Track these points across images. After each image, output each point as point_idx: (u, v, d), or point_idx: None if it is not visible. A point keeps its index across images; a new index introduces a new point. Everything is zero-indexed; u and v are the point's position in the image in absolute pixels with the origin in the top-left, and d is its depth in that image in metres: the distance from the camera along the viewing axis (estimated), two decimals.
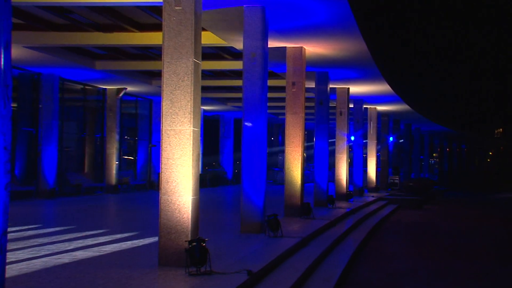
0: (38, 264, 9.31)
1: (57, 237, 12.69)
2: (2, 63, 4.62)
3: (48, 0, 15.18)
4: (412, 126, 50.64)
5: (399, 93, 30.80)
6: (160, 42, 9.53)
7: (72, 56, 23.62)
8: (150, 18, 18.52)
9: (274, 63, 20.66)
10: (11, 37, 4.76)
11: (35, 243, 11.62)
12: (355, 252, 14.36)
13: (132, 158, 35.17)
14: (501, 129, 75.26)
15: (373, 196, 31.56)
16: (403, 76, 33.23)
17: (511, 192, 50.80)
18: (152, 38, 19.60)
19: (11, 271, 8.08)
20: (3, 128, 4.64)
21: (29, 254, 10.19)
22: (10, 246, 5.24)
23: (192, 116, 9.16)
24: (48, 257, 9.94)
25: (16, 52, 19.82)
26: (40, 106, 26.20)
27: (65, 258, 9.86)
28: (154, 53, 23.72)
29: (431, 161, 68.31)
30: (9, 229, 4.78)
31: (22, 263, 9.28)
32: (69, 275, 8.48)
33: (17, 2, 14.44)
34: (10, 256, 7.24)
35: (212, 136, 43.25)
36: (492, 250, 17.01)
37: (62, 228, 14.42)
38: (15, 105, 25.10)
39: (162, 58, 9.26)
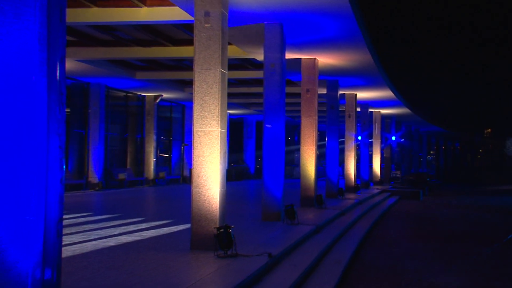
0: (88, 246, 9.41)
1: (104, 223, 12.79)
2: (58, 74, 4.67)
3: (96, 20, 15.27)
4: (412, 127, 50.41)
5: (401, 98, 30.70)
6: (192, 55, 9.56)
7: (116, 67, 23.78)
8: (183, 34, 18.60)
9: (290, 73, 20.68)
10: (65, 52, 4.81)
11: (86, 229, 11.72)
12: (362, 238, 14.33)
13: (167, 155, 35.28)
14: (489, 130, 75.29)
15: (378, 189, 31.46)
16: (404, 83, 33.18)
17: (498, 185, 50.63)
18: (184, 52, 19.67)
19: (66, 252, 8.16)
20: (58, 130, 4.68)
21: (81, 238, 10.29)
22: (65, 231, 5.30)
23: (219, 119, 9.19)
24: (97, 241, 10.03)
25: (69, 65, 20.00)
26: (89, 111, 26.41)
27: (111, 242, 9.94)
28: (186, 64, 23.81)
29: (429, 157, 67.93)
30: (63, 217, 4.83)
31: (75, 245, 9.38)
32: (115, 256, 8.56)
33: (70, 22, 14.55)
34: (65, 240, 7.28)
35: (236, 136, 43.28)
36: (480, 234, 16.91)
37: (108, 216, 14.51)
38: (68, 110, 25.32)
39: (194, 69, 9.30)
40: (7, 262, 4.39)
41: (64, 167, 4.74)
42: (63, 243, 4.85)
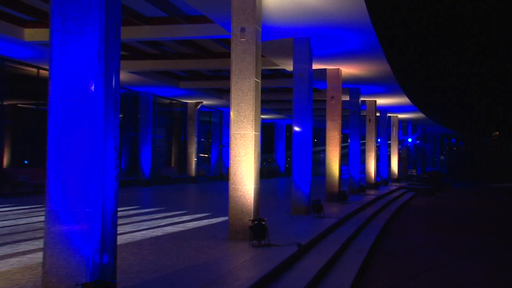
0: (139, 235, 9.51)
1: (152, 215, 12.91)
2: (114, 84, 4.75)
3: (146, 36, 15.45)
4: (427, 130, 49.87)
5: (416, 104, 30.40)
6: (229, 66, 9.61)
7: (162, 78, 24.01)
8: (222, 48, 18.69)
9: (317, 81, 20.63)
10: (120, 64, 4.89)
11: (136, 220, 11.85)
12: (381, 229, 14.20)
13: (207, 155, 35.47)
14: (497, 132, 74.59)
15: (395, 186, 31.16)
16: (420, 91, 32.77)
17: (505, 182, 49.81)
18: (222, 63, 19.76)
19: (120, 240, 8.23)
20: (114, 133, 4.76)
21: (132, 228, 10.42)
22: (118, 222, 5.36)
23: (254, 123, 9.22)
24: (146, 231, 10.14)
25: (122, 76, 20.28)
26: (139, 116, 26.71)
27: (159, 232, 10.04)
28: (224, 74, 23.92)
29: (442, 157, 67.13)
30: (118, 209, 4.90)
31: (127, 234, 9.51)
32: (162, 244, 8.64)
33: (124, 38, 14.74)
34: (118, 229, 7.36)
35: (268, 138, 43.31)
36: (490, 227, 16.63)
37: (155, 209, 14.65)
38: (121, 115, 25.68)
39: (231, 78, 9.34)
40: (72, 248, 4.48)
41: (118, 165, 4.82)
42: (117, 232, 4.91)
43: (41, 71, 20.22)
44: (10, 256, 7.51)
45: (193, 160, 31.28)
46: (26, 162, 20.54)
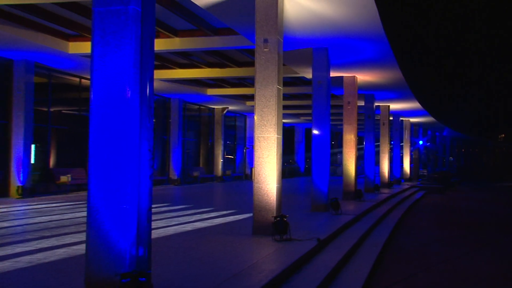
0: (170, 230, 9.57)
1: (182, 212, 12.98)
2: (148, 91, 4.79)
3: (177, 48, 15.56)
4: (437, 133, 49.37)
5: (427, 109, 30.14)
6: (253, 74, 9.60)
7: (191, 85, 24.14)
8: (246, 58, 18.73)
9: (334, 88, 20.54)
10: (153, 73, 4.93)
11: (168, 216, 11.93)
12: (395, 225, 14.07)
13: (232, 157, 35.53)
14: (503, 135, 73.77)
15: (407, 185, 30.86)
16: (430, 96, 32.46)
17: (510, 182, 49.10)
18: (247, 72, 19.80)
19: (153, 234, 8.29)
20: (148, 136, 4.80)
21: (164, 224, 10.48)
22: (152, 218, 5.39)
23: (276, 127, 9.21)
24: (177, 226, 10.19)
25: (155, 84, 20.35)
26: (170, 120, 26.89)
27: (188, 227, 10.08)
28: (248, 82, 23.96)
29: (451, 158, 66.43)
30: (152, 206, 4.94)
31: (160, 229, 9.57)
32: (191, 238, 8.68)
33: (157, 50, 14.86)
34: (152, 225, 7.41)
35: (289, 141, 43.24)
36: (496, 224, 16.37)
37: (185, 206, 14.73)
38: (154, 120, 25.81)
39: (255, 86, 9.35)
40: (111, 242, 4.53)
41: (152, 166, 4.85)
42: (151, 227, 4.95)
43: (83, 80, 20.48)
44: (57, 247, 7.62)
45: (220, 161, 31.38)
46: (69, 162, 20.82)
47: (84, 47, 15.85)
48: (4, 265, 6.40)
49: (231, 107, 31.28)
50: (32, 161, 17.71)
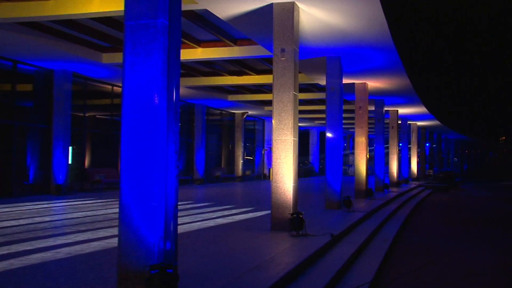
0: (195, 226, 9.60)
1: (205, 209, 13.02)
2: (174, 98, 4.82)
3: (200, 57, 15.63)
4: (442, 135, 48.86)
5: (433, 113, 29.86)
6: (271, 81, 9.62)
7: (213, 92, 24.22)
8: (264, 66, 18.73)
9: (346, 94, 20.42)
10: (179, 81, 4.95)
11: (192, 213, 11.97)
12: (403, 222, 13.93)
13: (251, 158, 35.57)
14: (504, 137, 73.05)
15: (415, 184, 30.58)
16: (436, 102, 32.17)
17: (510, 181, 48.44)
18: (265, 79, 19.80)
19: (179, 230, 8.31)
20: (175, 139, 4.82)
21: (189, 220, 10.52)
22: (178, 214, 5.41)
23: (292, 130, 9.19)
24: (200, 222, 10.22)
25: (180, 90, 20.52)
26: (194, 124, 27.01)
27: (211, 223, 10.11)
28: (266, 88, 23.96)
29: (455, 159, 65.73)
30: (178, 203, 4.95)
31: (185, 225, 9.59)
32: (214, 233, 8.70)
33: (182, 59, 14.94)
34: (178, 221, 7.43)
35: (304, 143, 43.15)
36: (498, 220, 16.12)
37: (208, 203, 14.77)
38: (180, 124, 25.97)
39: (273, 92, 9.34)
40: (141, 236, 4.56)
41: (178, 166, 4.87)
42: (177, 223, 4.97)
43: (115, 88, 20.68)
44: (92, 241, 7.70)
45: (240, 162, 31.42)
46: (102, 163, 21.04)
47: (116, 58, 16.01)
48: (46, 255, 6.50)
49: (250, 112, 31.31)
50: (69, 161, 17.94)
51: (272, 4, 9.37)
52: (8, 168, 16.35)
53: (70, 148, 18.08)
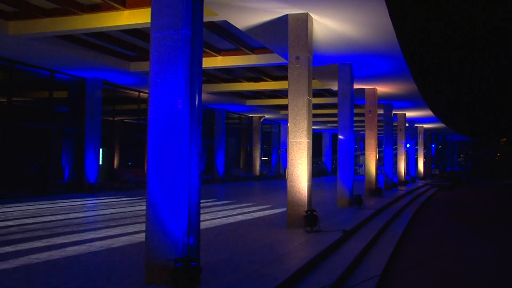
0: (215, 222, 9.61)
1: (226, 206, 13.03)
2: (197, 103, 4.83)
3: (220, 65, 15.68)
4: (447, 137, 48.27)
5: (439, 116, 29.53)
6: (286, 87, 9.60)
7: (233, 97, 24.28)
8: (280, 73, 18.72)
9: (357, 98, 20.31)
10: (201, 87, 4.97)
11: (213, 210, 11.99)
12: (411, 218, 13.79)
13: (268, 159, 35.53)
14: (505, 138, 72.19)
15: (421, 183, 30.22)
16: (441, 106, 31.84)
17: (510, 180, 47.75)
18: (281, 85, 19.78)
19: (201, 226, 8.35)
20: (197, 141, 4.83)
21: (210, 217, 10.54)
22: (200, 211, 5.45)
23: (307, 133, 9.16)
24: (221, 219, 10.23)
25: (202, 96, 20.65)
26: (214, 128, 27.08)
27: (231, 219, 10.11)
28: (282, 94, 23.92)
29: (459, 159, 64.95)
30: (200, 201, 4.96)
31: (206, 222, 9.61)
32: (234, 229, 8.70)
33: (203, 67, 15.03)
34: (200, 217, 7.49)
35: (317, 145, 42.96)
36: (500, 216, 15.84)
37: (228, 201, 14.79)
38: (202, 127, 26.07)
39: (288, 97, 9.32)
40: (166, 231, 4.58)
41: (200, 167, 4.88)
42: (200, 219, 4.98)
43: (141, 94, 20.86)
44: (121, 236, 7.76)
45: (257, 162, 31.41)
46: (130, 163, 21.23)
47: (142, 66, 16.15)
48: (81, 248, 6.58)
49: (267, 116, 31.31)
50: (100, 162, 18.13)
51: (287, 15, 9.36)
52: (46, 168, 16.62)
53: (101, 150, 18.28)
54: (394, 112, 24.25)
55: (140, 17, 10.94)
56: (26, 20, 11.84)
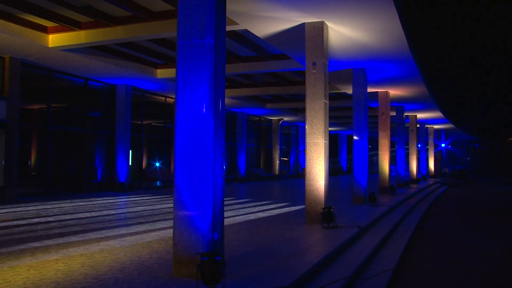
0: (238, 219, 9.63)
1: (247, 204, 13.04)
2: (220, 107, 4.85)
3: (241, 71, 15.72)
4: (456, 137, 47.41)
5: (448, 118, 29.06)
6: (304, 91, 9.57)
7: (253, 101, 24.29)
8: (298, 78, 18.67)
9: (371, 101, 20.11)
10: (224, 92, 4.99)
11: (235, 208, 12.01)
12: (423, 214, 13.58)
13: (286, 159, 35.44)
14: (511, 138, 70.67)
15: (432, 181, 29.78)
16: (451, 108, 31.32)
17: None
18: (298, 89, 19.72)
19: (224, 222, 8.39)
20: (220, 143, 4.85)
21: (233, 214, 10.56)
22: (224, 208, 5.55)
23: (324, 134, 9.12)
24: (242, 216, 10.25)
25: (225, 100, 20.74)
26: (236, 130, 27.14)
27: (252, 216, 10.11)
28: (299, 97, 23.84)
29: (468, 158, 63.83)
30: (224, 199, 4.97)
31: (229, 218, 9.63)
32: (255, 225, 8.69)
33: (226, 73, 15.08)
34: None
35: (334, 145, 42.66)
36: (507, 212, 15.44)
37: (249, 199, 14.79)
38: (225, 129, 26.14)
39: (305, 100, 9.30)
40: (193, 227, 4.61)
41: (223, 167, 4.90)
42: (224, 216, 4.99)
43: (168, 99, 21.05)
44: (150, 231, 7.84)
45: (277, 162, 31.36)
46: (157, 164, 21.43)
47: (168, 73, 16.30)
48: (114, 242, 6.68)
49: (286, 118, 31.25)
50: (130, 163, 18.36)
51: (304, 23, 9.34)
52: (80, 169, 16.90)
53: (130, 151, 18.50)
54: (405, 113, 23.94)
55: (166, 27, 11.05)
56: (64, 33, 12.12)
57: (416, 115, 26.18)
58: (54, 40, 12.26)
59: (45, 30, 12.11)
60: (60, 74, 15.68)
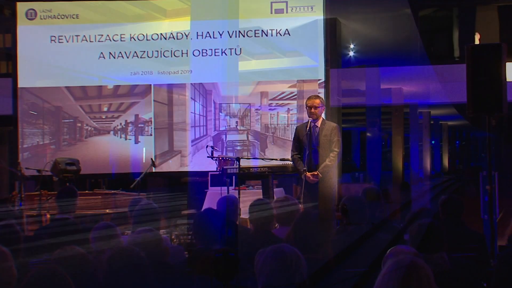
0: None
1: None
2: None
3: (252, 68, 15.66)
4: (470, 134, 47.01)
5: (462, 114, 28.70)
6: None
7: None
8: None
9: (384, 98, 19.94)
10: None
11: (248, 204, 11.91)
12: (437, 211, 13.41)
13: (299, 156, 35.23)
14: None
15: (446, 177, 29.51)
16: (464, 104, 30.91)
17: None
18: None
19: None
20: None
21: (245, 210, 10.48)
22: None
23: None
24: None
25: None
26: None
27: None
28: None
29: (483, 155, 63.05)
30: None
31: (242, 215, 9.58)
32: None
33: None
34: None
35: (346, 142, 42.35)
36: None
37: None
38: None
39: None
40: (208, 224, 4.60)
41: None
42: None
43: None
44: (165, 228, 7.81)
45: None
46: None
47: None
48: (128, 239, 6.66)
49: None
50: None
51: (316, 20, 9.28)
52: None
53: None
54: (419, 110, 23.69)
55: (179, 25, 11.02)
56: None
57: (429, 111, 25.88)
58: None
59: None
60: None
